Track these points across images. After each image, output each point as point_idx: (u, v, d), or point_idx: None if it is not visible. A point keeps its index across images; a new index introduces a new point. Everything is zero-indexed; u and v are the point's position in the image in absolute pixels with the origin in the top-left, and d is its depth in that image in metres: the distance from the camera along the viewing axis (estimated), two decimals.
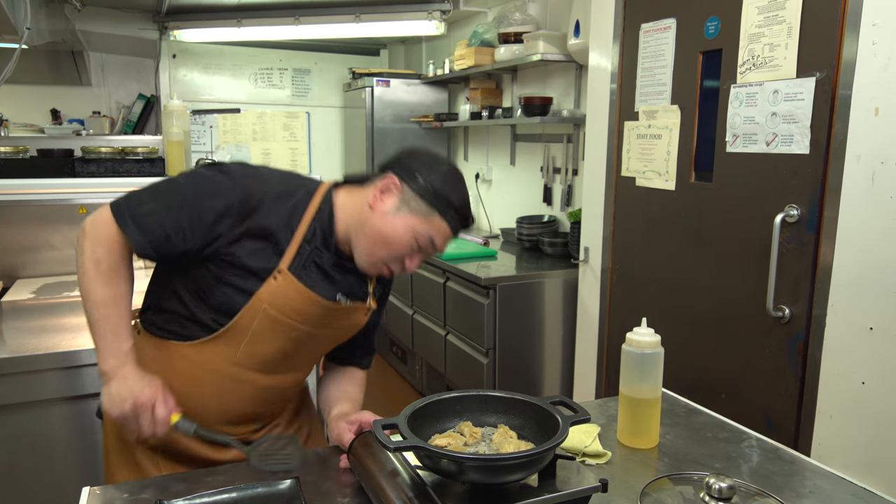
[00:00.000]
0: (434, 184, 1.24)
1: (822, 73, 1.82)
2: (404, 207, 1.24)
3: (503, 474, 1.01)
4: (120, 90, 5.00)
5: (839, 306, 1.80)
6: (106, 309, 1.19)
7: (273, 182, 1.26)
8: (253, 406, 1.35)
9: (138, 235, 1.18)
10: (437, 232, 1.25)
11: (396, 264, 1.27)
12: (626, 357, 1.35)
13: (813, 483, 1.21)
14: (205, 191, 1.21)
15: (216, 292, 1.23)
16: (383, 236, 1.24)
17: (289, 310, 1.25)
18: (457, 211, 1.26)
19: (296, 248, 1.24)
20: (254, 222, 1.21)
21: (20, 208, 2.87)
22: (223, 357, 1.27)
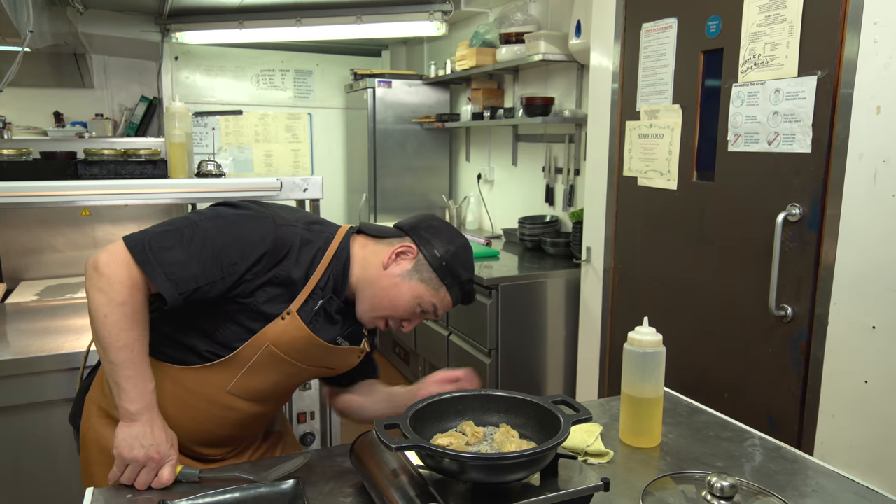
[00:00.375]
0: (447, 259, 1.30)
1: (823, 72, 1.82)
2: (416, 276, 1.29)
3: (505, 473, 1.01)
4: (122, 92, 5.01)
5: (841, 305, 1.80)
6: (131, 352, 1.15)
7: (300, 229, 1.26)
8: (238, 431, 1.38)
9: (170, 288, 1.14)
10: (440, 302, 1.31)
11: (395, 323, 1.33)
12: (627, 356, 1.35)
13: (816, 482, 1.21)
14: (237, 239, 1.19)
15: (223, 329, 1.23)
16: (389, 298, 1.29)
17: (290, 350, 1.26)
18: (462, 288, 1.33)
19: (308, 292, 1.25)
20: (280, 271, 1.22)
21: (24, 211, 2.89)
22: (216, 385, 1.27)
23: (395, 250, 1.30)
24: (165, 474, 1.16)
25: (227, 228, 1.20)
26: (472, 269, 1.35)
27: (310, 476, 1.20)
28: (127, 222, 3.09)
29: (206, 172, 2.33)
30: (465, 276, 1.33)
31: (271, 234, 1.20)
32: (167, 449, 1.17)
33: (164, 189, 2.08)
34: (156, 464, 1.16)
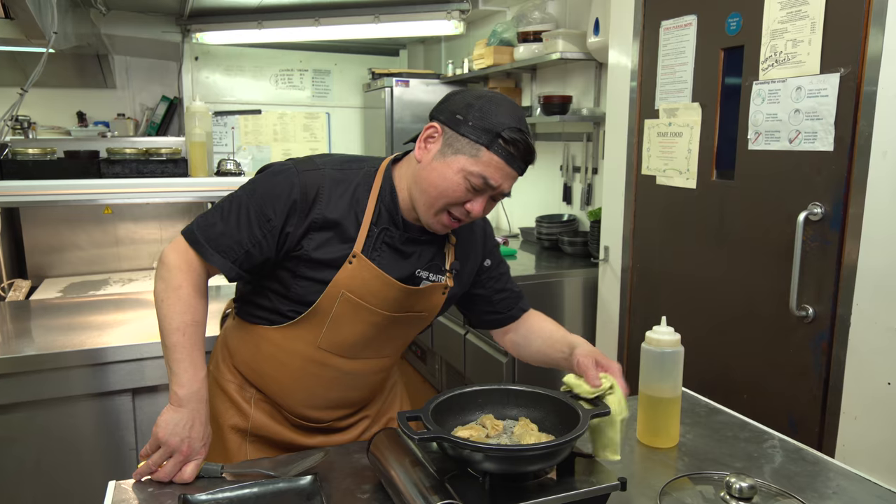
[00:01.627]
0: (473, 117, 1.17)
1: (846, 69, 1.80)
2: (448, 150, 1.18)
3: (524, 464, 1.02)
4: (144, 92, 5.07)
5: (864, 305, 1.77)
6: (183, 336, 1.20)
7: (328, 170, 1.26)
8: (339, 391, 1.36)
9: (221, 260, 1.22)
10: (488, 168, 1.17)
11: (459, 210, 1.21)
12: (645, 356, 1.35)
13: (837, 484, 1.20)
14: (266, 196, 1.23)
15: (293, 286, 1.26)
16: (434, 185, 1.19)
17: (366, 293, 1.25)
18: (505, 140, 1.16)
19: (366, 231, 1.24)
20: (317, 214, 1.22)
21: (48, 209, 2.94)
22: (306, 341, 1.29)
23: (422, 137, 1.22)
24: (188, 471, 1.17)
25: (255, 190, 1.24)
26: (510, 116, 1.17)
27: (328, 472, 1.21)
28: (148, 220, 3.13)
29: (226, 171, 2.36)
30: (502, 126, 1.15)
31: (296, 181, 1.22)
32: (199, 447, 1.19)
33: (184, 188, 2.11)
34: (183, 457, 1.17)
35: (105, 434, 1.96)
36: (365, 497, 1.13)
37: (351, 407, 1.42)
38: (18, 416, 1.86)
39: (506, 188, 1.22)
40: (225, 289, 2.52)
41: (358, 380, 1.38)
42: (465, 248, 1.40)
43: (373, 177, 1.28)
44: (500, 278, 1.49)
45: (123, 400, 1.95)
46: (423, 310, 1.35)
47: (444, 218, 1.23)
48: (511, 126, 1.17)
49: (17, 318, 2.25)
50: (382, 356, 1.40)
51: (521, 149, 1.18)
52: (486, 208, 1.24)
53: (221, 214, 1.24)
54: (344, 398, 1.39)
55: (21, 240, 2.98)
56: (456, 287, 1.39)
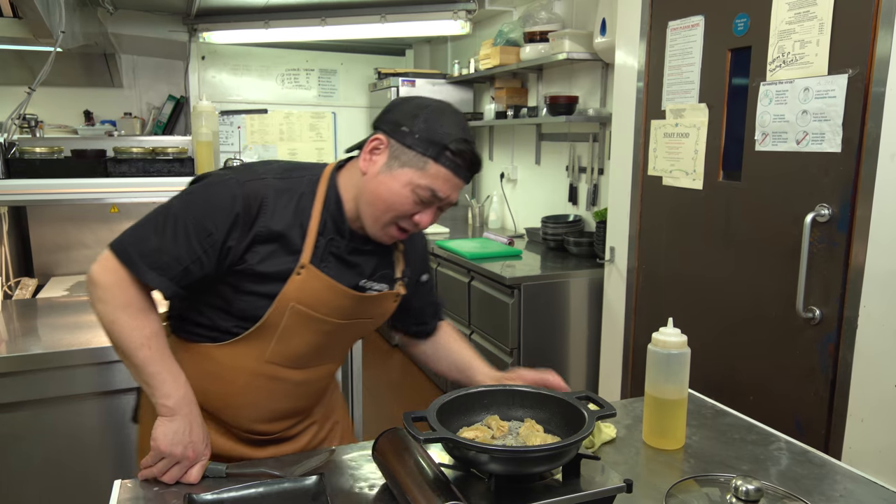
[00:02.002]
0: (419, 129, 1.15)
1: (854, 70, 1.79)
2: (395, 163, 1.16)
3: (530, 466, 1.01)
4: (150, 91, 5.09)
5: (871, 307, 1.77)
6: (149, 350, 1.15)
7: (270, 179, 1.21)
8: (288, 402, 1.34)
9: (157, 278, 1.14)
10: (436, 180, 1.16)
11: (407, 223, 1.21)
12: (651, 357, 1.34)
13: (844, 487, 1.19)
14: (206, 209, 1.16)
15: (236, 301, 1.21)
16: (381, 198, 1.18)
17: (316, 303, 1.23)
18: (452, 151, 1.15)
19: (312, 242, 1.21)
20: (261, 226, 1.17)
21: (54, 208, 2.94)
22: (253, 356, 1.25)
23: (367, 149, 1.19)
24: (194, 473, 1.16)
25: (193, 202, 1.17)
26: (457, 127, 1.16)
27: (333, 472, 1.21)
28: None
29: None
30: (449, 137, 1.14)
31: (238, 193, 1.16)
32: (202, 448, 1.18)
33: None
34: (190, 462, 1.16)
35: (111, 432, 1.96)
36: (370, 498, 1.13)
37: (299, 416, 1.40)
38: (25, 414, 1.87)
39: (454, 198, 1.21)
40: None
41: (307, 388, 1.35)
42: (412, 256, 1.40)
43: (316, 184, 1.23)
44: (431, 291, 1.50)
45: (129, 399, 1.95)
46: (374, 316, 1.34)
47: (393, 230, 1.22)
48: (457, 137, 1.15)
49: (24, 317, 2.26)
50: (331, 361, 1.38)
51: (467, 159, 1.17)
52: (433, 218, 1.24)
53: (155, 228, 1.16)
54: (293, 408, 1.36)
55: (28, 238, 2.99)
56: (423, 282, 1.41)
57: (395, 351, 4.84)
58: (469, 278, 3.48)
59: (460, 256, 3.51)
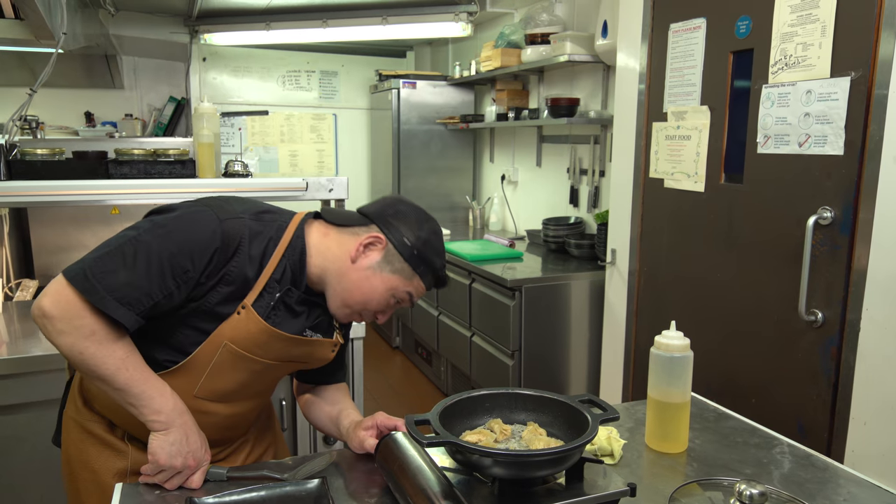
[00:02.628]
0: (418, 247, 1.24)
1: (857, 73, 1.78)
2: (387, 267, 1.23)
3: (534, 469, 1.01)
4: (151, 93, 5.09)
5: (874, 310, 1.76)
6: (128, 370, 1.10)
7: (248, 220, 1.18)
8: (217, 433, 1.31)
9: (125, 312, 1.08)
10: (415, 290, 1.27)
11: (369, 316, 1.29)
12: (654, 360, 1.34)
13: (847, 491, 1.19)
14: (184, 244, 1.11)
15: (177, 335, 1.18)
16: (362, 292, 1.24)
17: (251, 345, 1.20)
18: (434, 275, 1.28)
19: (262, 285, 1.18)
20: (231, 267, 1.15)
21: (56, 210, 2.95)
22: (181, 390, 1.20)
23: (363, 241, 1.22)
24: (196, 478, 1.16)
25: (169, 236, 1.11)
26: (443, 253, 1.30)
27: (335, 475, 1.20)
28: None
29: (234, 172, 2.36)
30: (438, 262, 1.27)
31: (217, 230, 1.13)
32: (202, 454, 1.18)
33: (192, 189, 2.11)
34: (192, 470, 1.16)
35: None
36: (373, 501, 1.12)
37: (229, 443, 1.39)
38: (26, 416, 1.86)
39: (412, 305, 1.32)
40: None
41: (235, 420, 1.34)
42: None
43: (283, 231, 1.22)
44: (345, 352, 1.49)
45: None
46: (309, 360, 1.33)
47: (355, 317, 1.29)
48: (443, 265, 1.30)
49: (25, 319, 2.26)
50: (261, 396, 1.38)
51: (440, 285, 1.32)
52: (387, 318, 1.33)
53: (124, 261, 1.09)
54: (224, 438, 1.36)
55: (29, 240, 2.99)
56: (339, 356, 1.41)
57: (396, 353, 4.84)
58: (470, 280, 3.48)
59: (461, 258, 3.51)
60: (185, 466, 1.15)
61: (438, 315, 3.93)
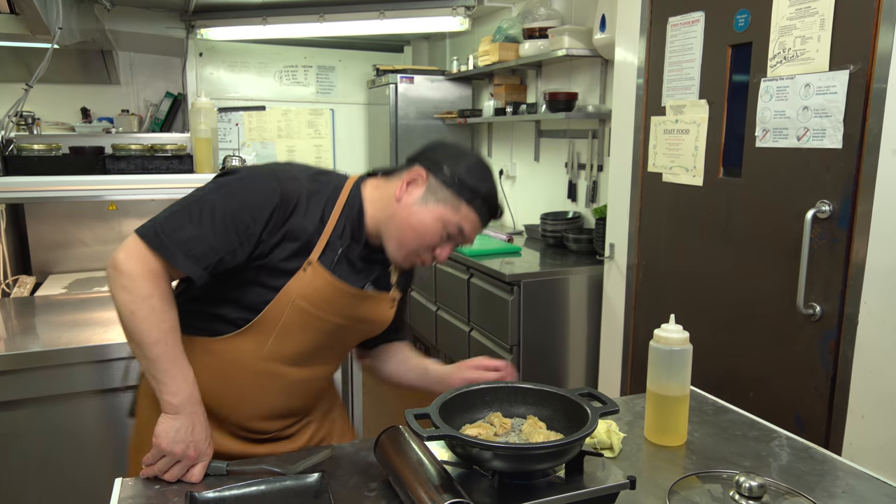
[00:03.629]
0: (460, 174, 1.24)
1: (855, 66, 1.78)
2: (431, 198, 1.24)
3: (533, 463, 1.01)
4: (148, 88, 5.07)
5: (872, 304, 1.77)
6: (165, 346, 1.14)
7: (304, 181, 1.25)
8: (285, 401, 1.34)
9: (193, 266, 1.14)
10: (465, 221, 1.24)
11: (427, 254, 1.27)
12: (653, 354, 1.34)
13: (846, 483, 1.19)
14: (245, 202, 1.18)
15: (248, 292, 1.22)
16: (412, 227, 1.24)
17: (318, 300, 1.24)
18: (484, 200, 1.25)
19: (325, 241, 1.24)
20: (292, 224, 1.21)
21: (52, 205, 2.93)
22: (250, 352, 1.25)
23: (405, 180, 1.25)
24: (196, 472, 1.16)
25: (232, 195, 1.19)
26: (491, 181, 1.28)
27: (335, 470, 1.20)
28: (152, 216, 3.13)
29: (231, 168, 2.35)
30: (484, 187, 1.25)
31: (277, 189, 1.19)
32: (205, 448, 1.17)
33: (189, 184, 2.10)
34: (191, 461, 1.16)
35: (110, 430, 1.96)
36: (372, 495, 1.12)
37: (297, 415, 1.40)
38: (24, 412, 1.86)
39: (472, 239, 1.30)
40: None
41: (305, 387, 1.35)
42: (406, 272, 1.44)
43: (339, 190, 1.28)
44: (404, 309, 1.52)
45: (128, 396, 1.95)
46: (374, 321, 1.36)
47: (414, 258, 1.28)
48: (493, 191, 1.27)
49: (22, 315, 2.25)
50: (328, 363, 1.39)
51: (495, 212, 1.29)
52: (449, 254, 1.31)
53: (190, 218, 1.16)
54: (290, 407, 1.36)
55: (26, 236, 2.98)
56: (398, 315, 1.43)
57: None
58: (468, 275, 3.48)
59: (459, 253, 3.51)
60: (184, 455, 1.15)
61: (437, 310, 3.93)
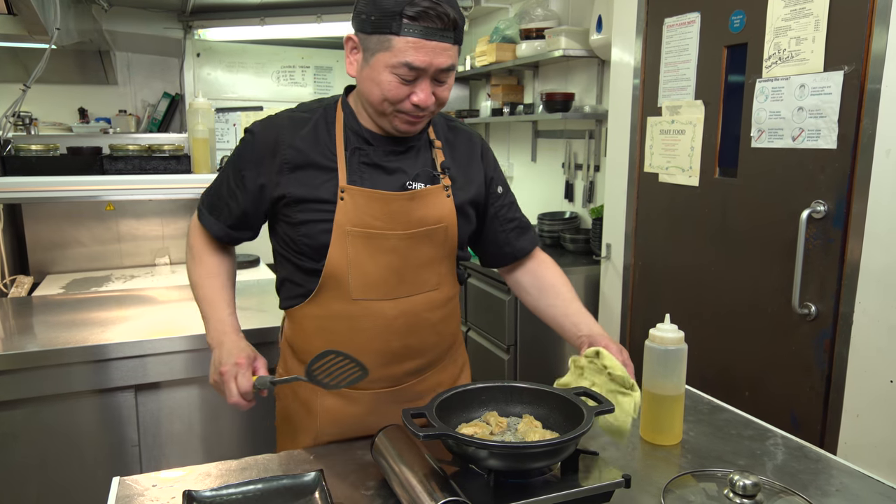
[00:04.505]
0: (371, 10, 1.13)
1: (850, 67, 1.79)
2: (367, 55, 1.17)
3: (529, 461, 1.02)
4: (145, 89, 5.06)
5: (867, 303, 1.77)
6: (202, 289, 1.34)
7: (284, 115, 1.32)
8: (395, 339, 1.32)
9: (208, 217, 1.37)
10: (405, 53, 1.12)
11: (406, 105, 1.20)
12: (649, 353, 1.35)
13: (840, 481, 1.20)
14: (238, 157, 1.33)
15: (301, 238, 1.28)
16: (372, 93, 1.20)
17: (368, 218, 1.25)
18: (409, 17, 1.10)
19: (343, 161, 1.26)
20: (284, 155, 1.26)
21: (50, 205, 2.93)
22: (340, 298, 1.28)
23: (346, 54, 1.23)
24: (242, 382, 1.16)
25: (233, 157, 1.35)
26: None
27: (332, 468, 1.21)
28: (150, 217, 3.13)
29: None
30: (400, 4, 1.09)
31: (257, 135, 1.30)
32: (231, 363, 1.18)
33: (187, 184, 2.11)
34: (230, 377, 1.17)
35: (108, 430, 1.96)
36: (369, 494, 1.13)
37: (418, 357, 1.37)
38: (21, 412, 1.86)
39: (440, 63, 1.15)
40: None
41: (410, 322, 1.32)
42: (458, 151, 1.39)
43: (334, 109, 1.31)
44: (511, 207, 1.49)
45: (126, 396, 1.95)
46: (437, 220, 1.31)
47: (399, 118, 1.22)
48: (412, 1, 1.10)
49: (20, 315, 2.25)
50: (423, 289, 1.34)
51: (433, 16, 1.11)
52: (439, 93, 1.21)
53: (216, 182, 1.39)
54: (405, 346, 1.34)
55: (23, 236, 2.97)
56: (461, 192, 1.35)
57: None
58: (465, 275, 3.48)
59: None
60: (218, 381, 1.20)
61: None
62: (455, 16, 1.14)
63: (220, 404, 2.09)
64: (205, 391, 2.06)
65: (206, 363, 2.03)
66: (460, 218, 1.36)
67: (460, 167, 1.38)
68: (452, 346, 1.49)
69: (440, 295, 1.38)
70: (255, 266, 3.28)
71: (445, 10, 1.12)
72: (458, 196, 1.35)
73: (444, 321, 1.41)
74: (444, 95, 1.22)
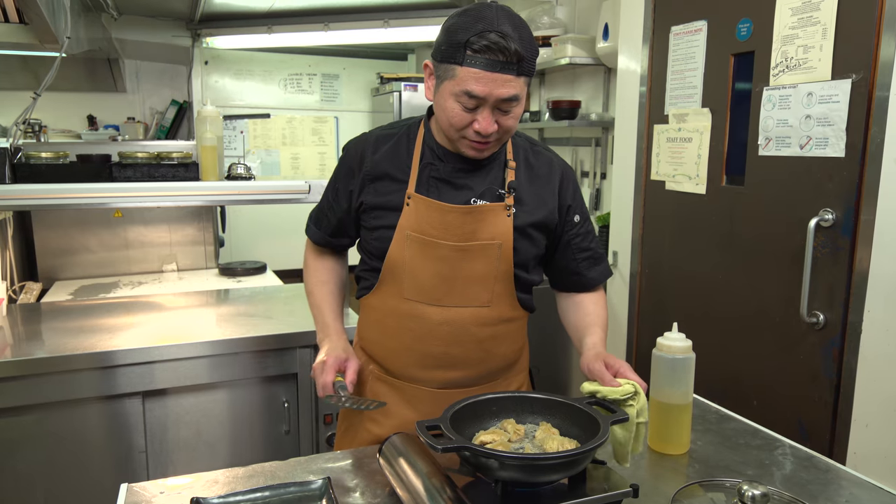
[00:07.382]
0: (441, 40, 1.22)
1: (858, 75, 1.79)
2: (438, 82, 1.26)
3: (549, 473, 1.01)
4: (154, 96, 5.10)
5: (876, 312, 1.77)
6: (311, 296, 1.52)
7: (373, 134, 1.43)
8: (437, 345, 1.37)
9: (313, 229, 1.54)
10: (467, 83, 1.18)
11: (469, 132, 1.25)
12: (656, 362, 1.34)
13: (849, 492, 1.19)
14: (335, 172, 1.47)
15: (372, 240, 1.40)
16: (441, 118, 1.28)
17: (427, 226, 1.33)
18: (473, 49, 1.15)
19: (416, 173, 1.35)
20: (367, 168, 1.38)
21: (59, 212, 2.96)
22: (395, 294, 1.38)
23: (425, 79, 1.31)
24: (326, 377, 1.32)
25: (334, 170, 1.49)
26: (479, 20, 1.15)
27: (339, 477, 1.21)
28: (158, 224, 3.15)
29: (237, 175, 2.37)
30: (466, 34, 1.15)
31: (349, 151, 1.44)
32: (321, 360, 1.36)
33: (195, 191, 2.12)
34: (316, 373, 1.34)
35: (115, 437, 1.97)
36: (376, 502, 1.13)
37: (461, 368, 1.39)
38: (29, 418, 1.87)
39: (501, 94, 1.19)
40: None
41: (455, 331, 1.36)
42: (534, 174, 1.41)
43: (417, 127, 1.40)
44: (587, 237, 1.48)
45: (133, 403, 1.96)
46: (491, 237, 1.33)
47: (465, 143, 1.29)
48: (477, 32, 1.15)
49: (28, 321, 2.26)
50: (473, 303, 1.36)
51: (495, 50, 1.15)
52: (503, 122, 1.24)
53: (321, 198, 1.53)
54: (447, 354, 1.38)
55: (32, 242, 3.00)
56: (526, 214, 1.36)
57: None
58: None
59: None
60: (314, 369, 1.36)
61: None
62: (520, 49, 1.17)
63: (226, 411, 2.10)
64: (212, 398, 2.06)
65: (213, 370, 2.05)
66: (521, 238, 1.37)
67: (533, 190, 1.39)
68: (509, 370, 1.51)
69: (492, 313, 1.40)
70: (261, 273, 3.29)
71: (509, 45, 1.16)
72: (521, 217, 1.36)
73: (495, 340, 1.42)
74: (507, 124, 1.25)
